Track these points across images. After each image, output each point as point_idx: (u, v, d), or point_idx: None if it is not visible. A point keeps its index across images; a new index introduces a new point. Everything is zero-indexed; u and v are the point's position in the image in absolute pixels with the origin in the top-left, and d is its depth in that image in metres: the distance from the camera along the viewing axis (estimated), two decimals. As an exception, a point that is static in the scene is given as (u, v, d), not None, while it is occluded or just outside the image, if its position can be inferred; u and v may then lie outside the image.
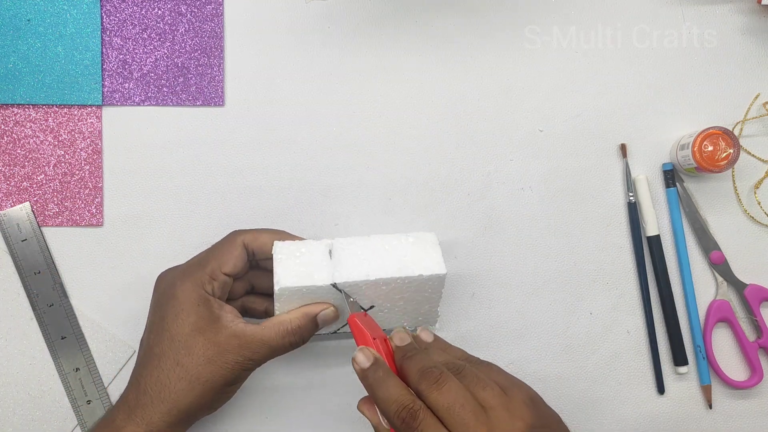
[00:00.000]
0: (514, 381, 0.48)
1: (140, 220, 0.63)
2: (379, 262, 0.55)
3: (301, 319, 0.54)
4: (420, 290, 0.56)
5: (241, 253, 0.55)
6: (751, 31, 0.66)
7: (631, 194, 0.65)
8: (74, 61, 0.62)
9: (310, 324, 0.55)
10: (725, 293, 0.65)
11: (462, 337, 0.64)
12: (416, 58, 0.65)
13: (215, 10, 0.63)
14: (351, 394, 0.64)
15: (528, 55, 0.65)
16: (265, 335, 0.53)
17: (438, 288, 0.56)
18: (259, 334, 0.53)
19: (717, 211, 0.66)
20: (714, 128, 0.61)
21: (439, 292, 0.56)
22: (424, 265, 0.55)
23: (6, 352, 0.62)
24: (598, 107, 0.65)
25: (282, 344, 0.54)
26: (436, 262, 0.55)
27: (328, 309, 0.55)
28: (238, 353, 0.52)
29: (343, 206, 0.64)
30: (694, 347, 0.65)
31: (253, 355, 0.53)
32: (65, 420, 0.62)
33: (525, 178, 0.65)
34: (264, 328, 0.53)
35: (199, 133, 0.63)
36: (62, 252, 0.63)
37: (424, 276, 0.54)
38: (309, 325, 0.55)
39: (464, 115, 0.65)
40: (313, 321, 0.55)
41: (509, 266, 0.65)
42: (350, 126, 0.64)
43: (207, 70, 0.63)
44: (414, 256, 0.55)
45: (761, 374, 0.65)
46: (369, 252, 0.55)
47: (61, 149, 0.63)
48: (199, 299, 0.53)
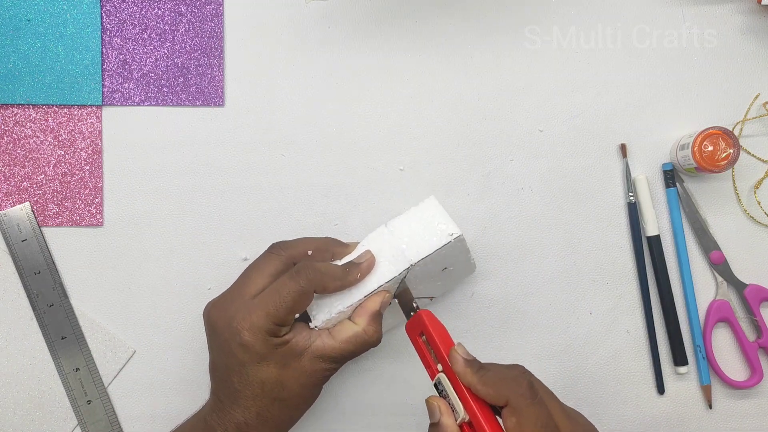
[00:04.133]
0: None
1: (140, 220, 0.63)
2: (404, 247, 0.55)
3: (372, 323, 0.55)
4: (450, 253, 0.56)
5: (311, 299, 0.54)
6: (751, 31, 0.66)
7: (631, 194, 0.65)
8: (74, 61, 0.62)
9: (380, 320, 0.56)
10: (725, 293, 0.65)
11: (462, 337, 0.64)
12: (416, 58, 0.65)
13: (215, 10, 0.63)
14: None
15: (528, 55, 0.65)
16: (348, 350, 0.54)
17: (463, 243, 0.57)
18: (343, 349, 0.54)
19: (717, 211, 0.66)
20: (714, 128, 0.61)
21: (465, 246, 0.58)
22: (441, 229, 0.56)
23: (6, 352, 0.62)
24: (598, 107, 0.65)
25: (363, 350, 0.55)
26: (449, 223, 0.56)
27: (385, 296, 0.56)
28: (324, 369, 0.54)
29: (343, 206, 0.64)
30: (694, 347, 0.65)
31: (338, 366, 0.55)
32: (65, 420, 0.62)
33: (525, 178, 0.65)
34: (343, 342, 0.54)
35: (199, 133, 0.63)
36: (62, 252, 0.63)
37: (451, 240, 0.56)
38: (379, 322, 0.55)
39: (464, 115, 0.65)
40: (380, 315, 0.55)
41: (509, 266, 0.65)
42: (350, 126, 0.64)
43: (207, 70, 0.63)
44: (429, 227, 0.56)
45: (761, 374, 0.65)
46: (388, 244, 0.56)
47: (61, 149, 0.63)
48: (274, 346, 0.53)
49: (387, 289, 0.56)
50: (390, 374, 0.64)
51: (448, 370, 0.50)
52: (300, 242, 0.56)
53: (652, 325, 0.65)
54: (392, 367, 0.64)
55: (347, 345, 0.54)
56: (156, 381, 0.63)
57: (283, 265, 0.54)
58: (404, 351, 0.64)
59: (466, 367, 0.50)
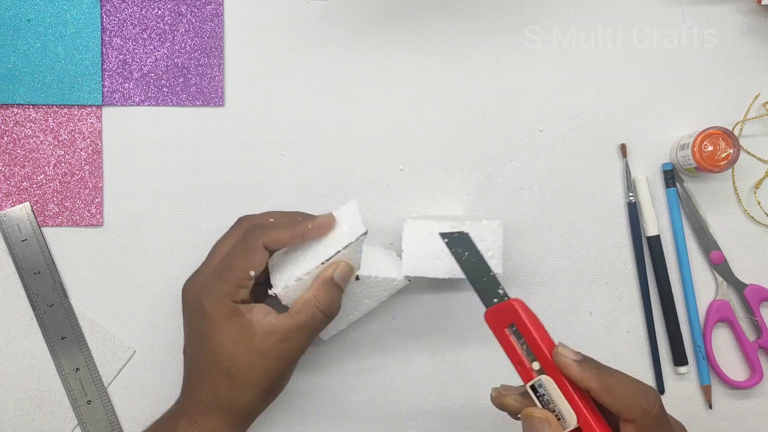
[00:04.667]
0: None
1: (140, 220, 0.63)
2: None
3: (322, 288, 0.54)
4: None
5: (263, 256, 0.54)
6: (751, 31, 0.66)
7: (631, 194, 0.65)
8: (74, 61, 0.62)
9: (333, 289, 0.54)
10: (725, 293, 0.65)
11: (462, 337, 0.64)
12: (416, 58, 0.65)
13: (215, 10, 0.63)
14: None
15: (528, 55, 0.65)
16: (299, 321, 0.53)
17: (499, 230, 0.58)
18: (294, 322, 0.53)
19: (717, 211, 0.66)
20: (714, 128, 0.61)
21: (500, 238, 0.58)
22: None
23: (6, 352, 0.62)
24: (598, 107, 0.65)
25: (316, 322, 0.54)
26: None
27: (343, 266, 0.54)
28: (278, 349, 0.53)
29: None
30: (694, 347, 0.65)
31: (293, 345, 0.53)
32: (65, 420, 0.62)
33: (525, 178, 0.65)
34: (294, 314, 0.54)
35: (199, 133, 0.63)
36: (62, 252, 0.63)
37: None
38: (333, 291, 0.54)
39: (464, 115, 0.65)
40: (333, 284, 0.54)
41: (509, 266, 0.65)
42: (350, 126, 0.64)
43: (207, 70, 0.63)
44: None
45: (761, 374, 0.65)
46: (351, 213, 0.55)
47: (61, 149, 0.63)
48: (229, 312, 0.53)
49: (348, 261, 0.55)
50: (390, 374, 0.64)
51: (551, 370, 0.45)
52: (265, 214, 0.57)
53: (652, 325, 0.65)
54: (392, 367, 0.64)
55: (298, 316, 0.53)
56: (156, 381, 0.63)
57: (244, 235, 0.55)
58: (404, 351, 0.64)
59: (584, 370, 0.45)
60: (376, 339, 0.64)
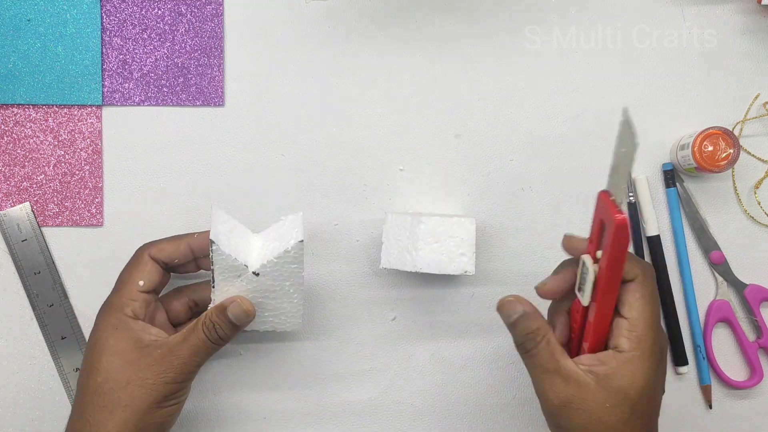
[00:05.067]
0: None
1: (140, 220, 0.63)
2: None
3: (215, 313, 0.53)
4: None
5: (152, 267, 0.55)
6: (751, 31, 0.66)
7: (631, 194, 0.65)
8: (74, 61, 0.62)
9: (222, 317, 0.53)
10: (725, 293, 0.65)
11: (462, 337, 0.64)
12: (416, 58, 0.65)
13: (215, 10, 0.63)
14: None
15: (528, 55, 0.65)
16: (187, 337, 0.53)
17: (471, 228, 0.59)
18: (182, 337, 0.53)
19: (717, 211, 0.66)
20: (714, 128, 0.61)
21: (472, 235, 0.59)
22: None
23: (6, 352, 0.62)
24: (598, 107, 0.65)
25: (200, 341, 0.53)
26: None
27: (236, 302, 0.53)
28: (161, 364, 0.51)
29: (343, 206, 0.64)
30: (694, 347, 0.65)
31: (179, 362, 0.52)
32: (65, 420, 0.62)
33: (525, 178, 0.65)
34: (186, 331, 0.53)
35: (199, 133, 0.63)
36: (62, 252, 0.63)
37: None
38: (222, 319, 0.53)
39: (464, 115, 0.65)
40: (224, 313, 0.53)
41: (509, 266, 0.65)
42: (350, 126, 0.64)
43: (207, 70, 0.63)
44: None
45: (761, 374, 0.65)
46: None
47: (61, 149, 0.63)
48: (116, 323, 0.53)
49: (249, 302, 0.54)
50: (390, 374, 0.64)
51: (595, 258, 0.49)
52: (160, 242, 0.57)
53: (652, 325, 0.65)
54: (392, 367, 0.64)
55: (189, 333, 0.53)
56: (156, 381, 0.63)
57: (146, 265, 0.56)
58: (404, 351, 0.64)
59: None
60: (376, 339, 0.64)
